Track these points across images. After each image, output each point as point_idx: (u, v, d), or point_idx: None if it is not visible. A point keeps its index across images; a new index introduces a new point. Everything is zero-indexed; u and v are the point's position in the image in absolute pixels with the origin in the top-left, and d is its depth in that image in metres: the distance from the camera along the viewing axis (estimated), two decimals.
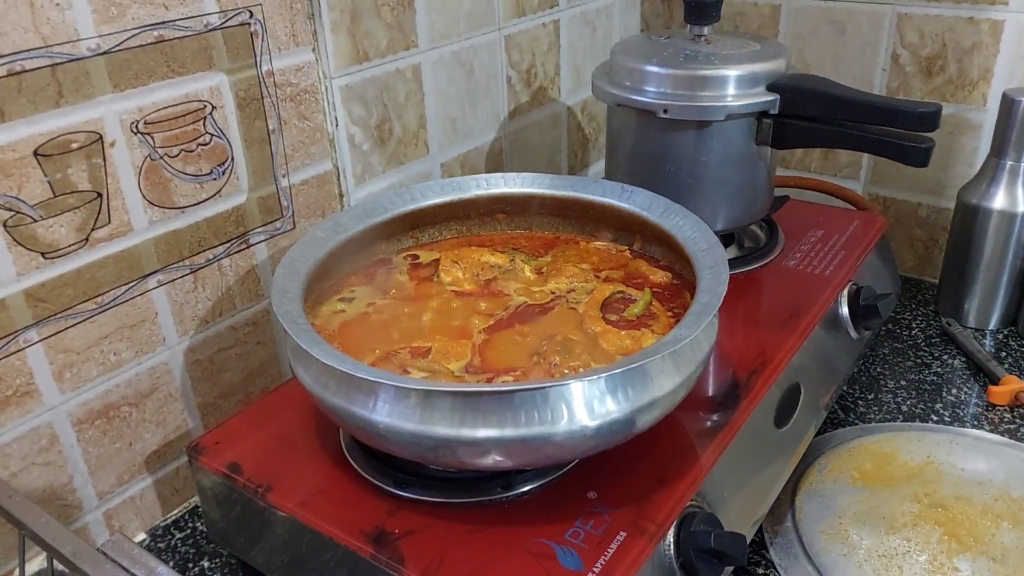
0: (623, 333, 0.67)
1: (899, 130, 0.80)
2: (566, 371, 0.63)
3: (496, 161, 1.10)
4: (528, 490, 0.62)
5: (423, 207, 0.81)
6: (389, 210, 0.79)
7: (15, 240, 0.64)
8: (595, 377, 0.56)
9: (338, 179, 0.88)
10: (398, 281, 0.77)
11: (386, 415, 0.56)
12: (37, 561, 0.69)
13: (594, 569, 0.55)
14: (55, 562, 0.53)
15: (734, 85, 0.85)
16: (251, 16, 0.75)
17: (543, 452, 0.57)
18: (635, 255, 0.80)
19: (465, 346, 0.67)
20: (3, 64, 0.60)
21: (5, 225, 0.63)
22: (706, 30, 0.92)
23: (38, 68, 0.62)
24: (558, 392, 0.55)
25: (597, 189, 0.80)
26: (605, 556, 0.56)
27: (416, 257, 0.81)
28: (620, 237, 0.82)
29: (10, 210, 0.63)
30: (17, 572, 0.63)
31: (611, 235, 0.82)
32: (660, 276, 0.76)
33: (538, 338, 0.67)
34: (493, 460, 0.57)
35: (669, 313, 0.70)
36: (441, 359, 0.66)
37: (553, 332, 0.68)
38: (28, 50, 0.61)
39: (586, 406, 0.55)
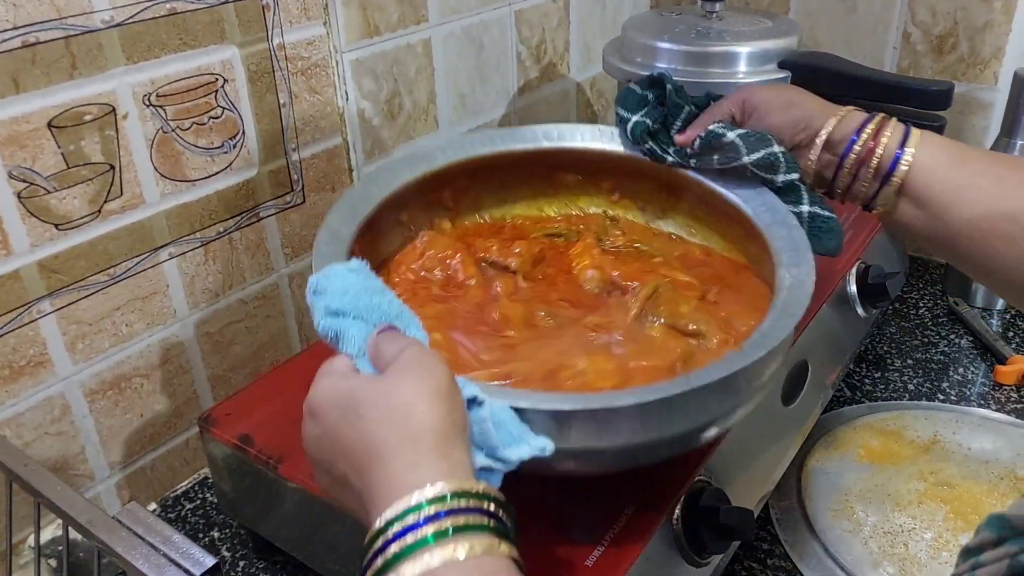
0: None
1: (910, 108, 0.80)
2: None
3: None
4: None
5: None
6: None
7: (29, 211, 0.64)
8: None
9: (348, 153, 0.88)
10: None
11: None
12: (50, 529, 0.69)
13: (603, 542, 0.56)
14: (70, 530, 0.54)
15: (745, 62, 0.85)
16: None
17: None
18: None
19: None
20: (18, 36, 0.60)
21: (19, 196, 0.63)
22: (718, 6, 0.92)
23: (52, 40, 0.62)
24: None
25: None
26: (614, 530, 0.57)
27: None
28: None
29: (24, 181, 0.63)
30: (31, 539, 0.64)
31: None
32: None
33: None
34: None
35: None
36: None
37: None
38: (42, 22, 0.61)
39: None
